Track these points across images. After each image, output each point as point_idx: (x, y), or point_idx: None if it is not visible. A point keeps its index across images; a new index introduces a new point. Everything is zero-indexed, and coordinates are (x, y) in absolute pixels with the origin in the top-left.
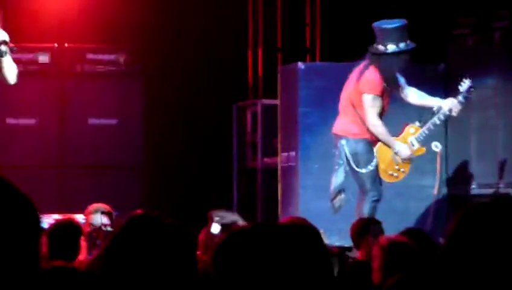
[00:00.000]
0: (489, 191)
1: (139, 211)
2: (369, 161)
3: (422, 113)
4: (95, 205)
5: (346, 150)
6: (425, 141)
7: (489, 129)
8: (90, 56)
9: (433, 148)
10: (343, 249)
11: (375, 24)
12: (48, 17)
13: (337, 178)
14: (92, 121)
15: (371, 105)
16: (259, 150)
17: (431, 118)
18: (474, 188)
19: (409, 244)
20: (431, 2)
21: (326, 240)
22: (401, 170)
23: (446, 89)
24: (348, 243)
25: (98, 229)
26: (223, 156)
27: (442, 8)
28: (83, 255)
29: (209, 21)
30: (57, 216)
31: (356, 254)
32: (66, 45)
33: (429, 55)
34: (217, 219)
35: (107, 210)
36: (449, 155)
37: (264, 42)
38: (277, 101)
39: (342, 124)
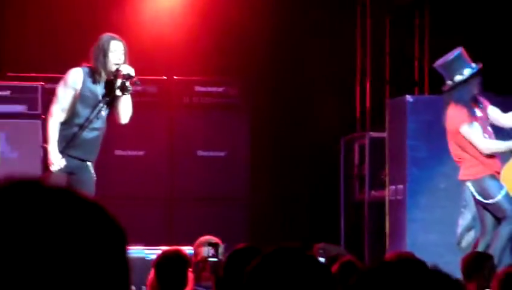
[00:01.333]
0: None
1: (242, 244)
2: (499, 190)
3: None
4: (204, 237)
5: (473, 190)
6: None
7: None
8: (198, 88)
9: None
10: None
11: (436, 64)
12: (158, 49)
13: (464, 220)
14: (200, 153)
15: (471, 132)
16: (367, 182)
17: None
18: None
19: None
20: None
21: None
22: None
23: None
24: (456, 276)
25: (204, 261)
26: (330, 189)
27: None
28: (189, 287)
29: (317, 54)
30: (164, 248)
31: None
32: (174, 77)
33: None
34: (321, 251)
35: (214, 242)
36: None
37: (372, 75)
38: (384, 134)
39: (463, 170)
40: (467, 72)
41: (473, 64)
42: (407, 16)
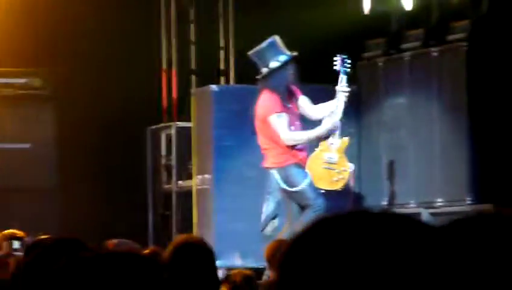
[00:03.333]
0: (401, 210)
1: (45, 235)
2: (303, 179)
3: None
4: (7, 231)
5: (278, 177)
6: (342, 134)
7: (400, 149)
8: (1, 80)
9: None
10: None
11: (250, 52)
12: None
13: (268, 207)
14: (4, 145)
15: (278, 122)
16: (174, 172)
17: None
18: (386, 208)
19: None
20: (341, 26)
21: (241, 261)
22: (342, 169)
23: (359, 109)
24: (263, 264)
25: (9, 255)
26: (138, 179)
27: (353, 31)
28: None
29: (122, 44)
30: None
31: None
32: None
33: None
34: (115, 247)
35: (19, 235)
36: (361, 175)
37: (178, 65)
38: (191, 124)
39: (269, 158)
40: (282, 58)
41: (288, 52)
42: (211, 6)
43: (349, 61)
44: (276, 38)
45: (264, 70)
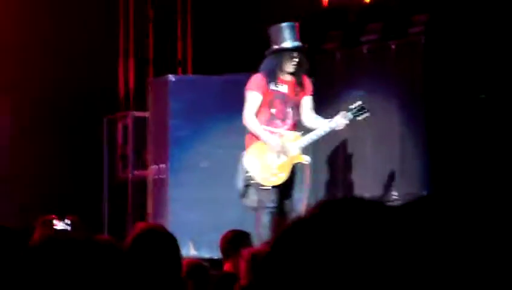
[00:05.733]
0: None
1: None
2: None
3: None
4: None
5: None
6: (305, 151)
7: (358, 141)
8: None
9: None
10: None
11: (269, 27)
12: None
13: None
14: None
15: (249, 100)
16: (130, 162)
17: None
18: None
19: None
20: (300, 18)
21: (195, 252)
22: (280, 174)
23: (316, 101)
24: (217, 254)
25: None
26: (94, 169)
27: (312, 23)
28: None
29: (79, 33)
30: None
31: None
32: None
33: None
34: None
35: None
36: (318, 166)
37: (135, 54)
38: (148, 114)
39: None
40: (293, 44)
41: (297, 42)
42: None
43: (365, 110)
44: (295, 24)
45: (274, 47)
